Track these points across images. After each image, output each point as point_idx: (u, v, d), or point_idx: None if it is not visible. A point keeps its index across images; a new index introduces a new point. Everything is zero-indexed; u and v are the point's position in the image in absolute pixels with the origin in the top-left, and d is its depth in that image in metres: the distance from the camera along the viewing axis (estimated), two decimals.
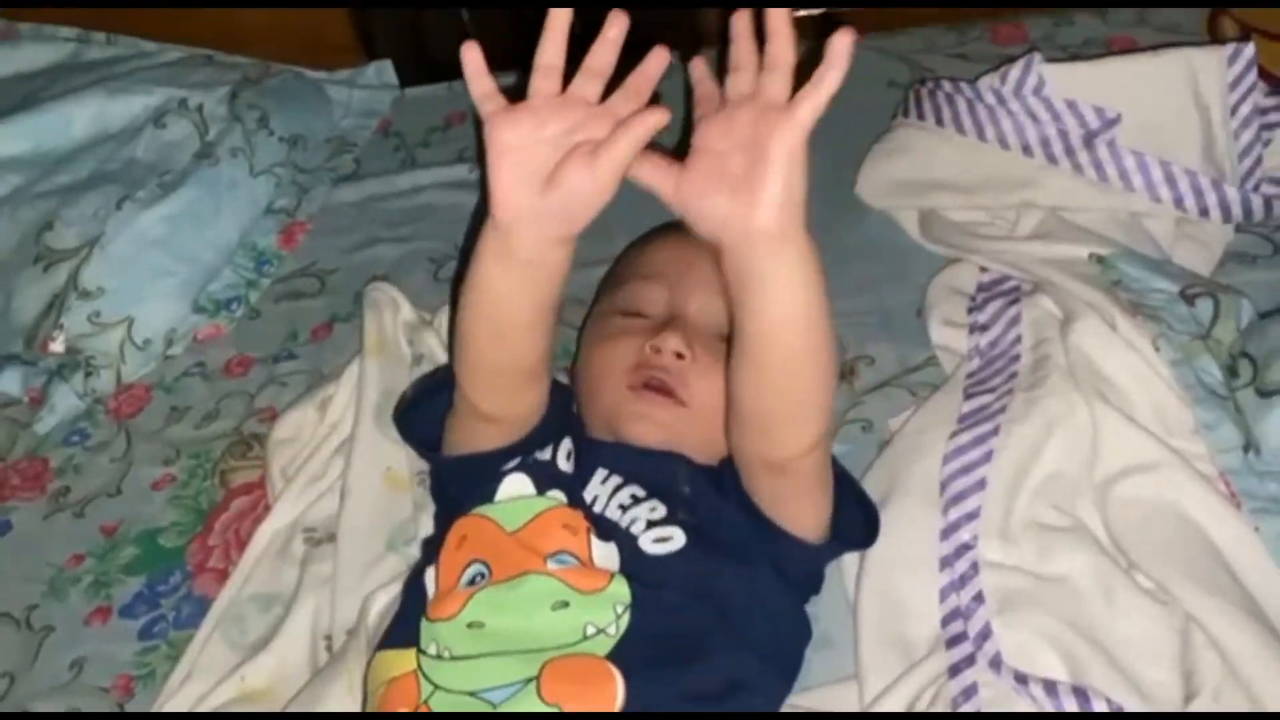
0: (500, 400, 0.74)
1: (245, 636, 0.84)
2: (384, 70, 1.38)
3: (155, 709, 0.81)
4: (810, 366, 0.66)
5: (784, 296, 0.63)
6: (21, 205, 1.14)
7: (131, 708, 0.83)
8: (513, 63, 1.38)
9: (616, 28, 0.64)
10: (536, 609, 0.68)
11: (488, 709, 0.65)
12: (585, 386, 0.84)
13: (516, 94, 0.65)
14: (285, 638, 0.82)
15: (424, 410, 0.82)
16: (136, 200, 1.11)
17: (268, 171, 1.19)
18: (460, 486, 0.78)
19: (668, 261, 0.85)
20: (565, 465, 0.78)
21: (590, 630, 0.68)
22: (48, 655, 0.88)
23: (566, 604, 0.68)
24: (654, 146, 0.64)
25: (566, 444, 0.79)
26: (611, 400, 0.80)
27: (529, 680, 0.65)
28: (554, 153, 0.63)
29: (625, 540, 0.73)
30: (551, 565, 0.71)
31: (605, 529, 0.73)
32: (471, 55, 0.64)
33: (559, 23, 0.64)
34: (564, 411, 0.82)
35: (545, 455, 0.78)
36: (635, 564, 0.71)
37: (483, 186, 0.66)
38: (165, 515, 0.96)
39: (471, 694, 0.66)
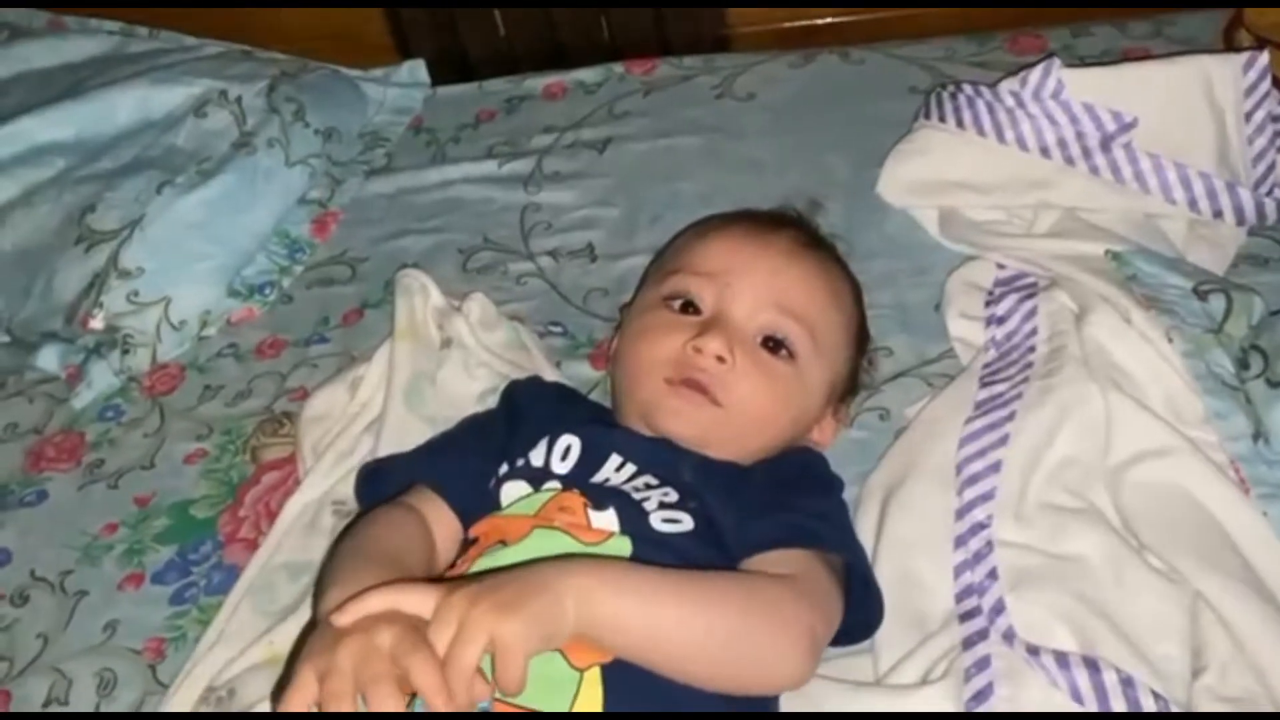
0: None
1: (274, 603, 0.86)
2: (417, 69, 1.41)
3: (186, 670, 0.83)
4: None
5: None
6: (66, 188, 1.17)
7: (163, 669, 0.85)
8: (545, 63, 1.42)
9: None
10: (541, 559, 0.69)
11: None
12: (624, 375, 0.85)
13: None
14: None
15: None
16: (176, 185, 1.14)
17: (303, 162, 1.22)
18: (464, 499, 0.79)
19: (723, 259, 0.84)
20: (560, 466, 0.79)
21: None
22: (81, 618, 0.90)
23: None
24: None
25: (565, 440, 0.80)
26: (649, 393, 0.81)
27: None
28: None
29: (631, 510, 0.74)
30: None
31: (604, 498, 0.74)
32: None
33: None
34: (563, 408, 0.84)
35: (539, 461, 0.79)
36: (639, 529, 0.72)
37: None
38: (197, 488, 0.98)
39: None
